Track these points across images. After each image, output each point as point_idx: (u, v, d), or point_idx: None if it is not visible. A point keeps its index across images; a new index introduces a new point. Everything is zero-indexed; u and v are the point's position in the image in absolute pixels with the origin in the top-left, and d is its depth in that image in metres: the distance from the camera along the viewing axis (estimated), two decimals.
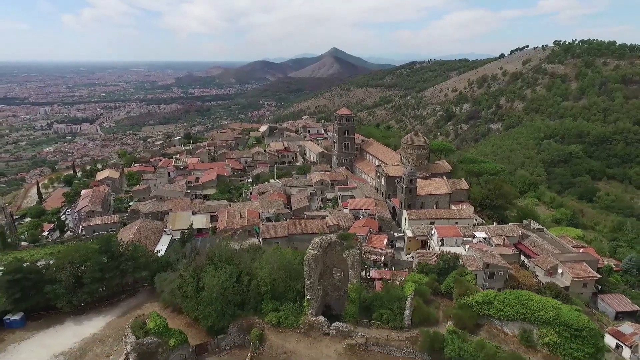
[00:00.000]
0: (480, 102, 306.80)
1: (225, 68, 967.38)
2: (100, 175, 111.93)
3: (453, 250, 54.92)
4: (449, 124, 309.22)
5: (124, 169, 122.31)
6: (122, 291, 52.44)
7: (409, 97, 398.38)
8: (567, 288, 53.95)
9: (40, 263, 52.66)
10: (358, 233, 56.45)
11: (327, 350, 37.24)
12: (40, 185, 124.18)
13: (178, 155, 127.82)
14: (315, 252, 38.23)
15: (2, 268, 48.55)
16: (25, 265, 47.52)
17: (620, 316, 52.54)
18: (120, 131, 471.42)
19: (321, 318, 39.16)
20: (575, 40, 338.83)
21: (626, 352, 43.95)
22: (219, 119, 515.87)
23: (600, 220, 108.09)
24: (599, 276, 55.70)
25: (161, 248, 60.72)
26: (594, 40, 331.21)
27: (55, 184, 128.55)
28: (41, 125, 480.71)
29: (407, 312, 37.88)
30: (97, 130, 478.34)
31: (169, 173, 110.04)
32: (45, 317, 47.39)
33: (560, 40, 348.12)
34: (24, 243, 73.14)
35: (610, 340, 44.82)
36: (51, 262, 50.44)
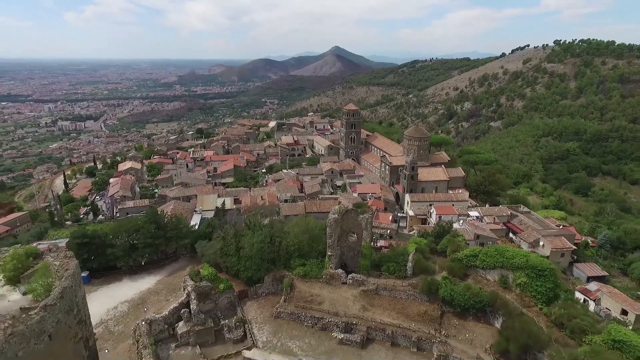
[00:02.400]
0: (481, 101, 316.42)
1: (227, 66, 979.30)
2: (123, 167, 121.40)
3: None
4: (450, 122, 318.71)
5: (143, 160, 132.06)
6: (166, 257, 62.45)
7: (410, 96, 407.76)
8: (547, 257, 63.52)
9: None
10: None
11: (345, 294, 47.03)
12: (56, 177, 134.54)
13: (193, 149, 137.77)
14: (336, 216, 47.97)
15: (68, 236, 58.65)
16: (89, 232, 57.43)
17: (590, 280, 62.07)
18: (124, 128, 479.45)
19: (340, 270, 48.93)
20: (575, 39, 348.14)
21: (591, 304, 53.77)
22: (222, 117, 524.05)
23: (588, 209, 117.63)
24: (574, 247, 65.14)
25: (195, 224, 70.46)
26: (593, 39, 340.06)
27: (78, 175, 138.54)
28: (46, 123, 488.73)
29: (409, 264, 47.64)
30: (101, 128, 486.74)
31: (187, 164, 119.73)
32: (105, 276, 57.35)
33: (561, 40, 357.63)
34: (68, 222, 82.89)
35: (579, 296, 54.59)
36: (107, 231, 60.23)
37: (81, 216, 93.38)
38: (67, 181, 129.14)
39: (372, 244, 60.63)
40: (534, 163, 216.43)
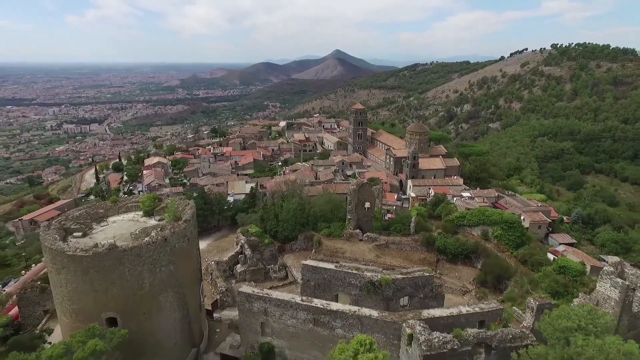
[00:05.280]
0: (480, 103, 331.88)
1: (229, 70, 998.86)
2: (150, 161, 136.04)
3: None
4: (450, 123, 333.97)
5: (166, 156, 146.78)
6: (210, 228, 76.87)
7: (411, 98, 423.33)
8: (526, 229, 77.85)
9: None
10: None
11: (362, 247, 61.38)
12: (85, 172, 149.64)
13: (210, 146, 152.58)
14: (354, 187, 62.53)
15: None
16: None
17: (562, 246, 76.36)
18: (128, 131, 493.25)
19: (357, 230, 63.33)
20: (572, 43, 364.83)
21: None
22: (224, 120, 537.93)
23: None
24: (550, 221, 79.55)
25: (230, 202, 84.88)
26: (589, 43, 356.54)
27: (105, 171, 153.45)
28: (51, 126, 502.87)
29: (412, 224, 62.11)
30: (106, 131, 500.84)
31: (209, 159, 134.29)
32: None
33: (558, 44, 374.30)
34: None
35: (550, 256, 68.93)
36: None
37: None
38: (98, 175, 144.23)
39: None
40: (530, 162, 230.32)
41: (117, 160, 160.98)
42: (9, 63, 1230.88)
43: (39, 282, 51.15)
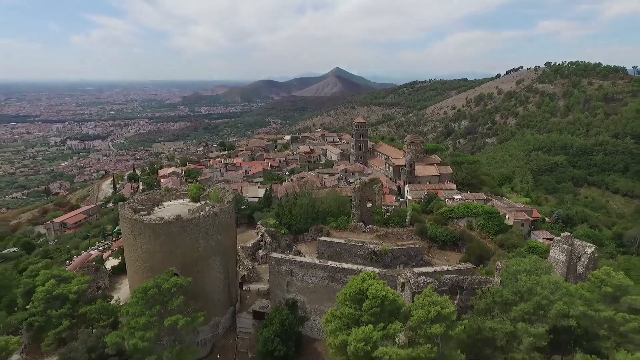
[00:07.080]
0: (477, 119, 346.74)
1: (230, 87, 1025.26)
2: (165, 171, 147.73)
3: None
4: (448, 139, 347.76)
5: (179, 167, 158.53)
6: None
7: (410, 115, 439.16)
8: (511, 226, 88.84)
9: None
10: None
11: (365, 237, 72.14)
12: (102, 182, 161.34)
13: (219, 158, 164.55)
14: (358, 185, 73.90)
15: None
16: None
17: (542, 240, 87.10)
18: (131, 147, 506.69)
19: (361, 223, 74.32)
20: (565, 61, 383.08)
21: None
22: (226, 136, 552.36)
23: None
24: (531, 219, 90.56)
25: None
26: (581, 62, 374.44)
27: (120, 181, 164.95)
28: (55, 142, 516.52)
29: (408, 217, 73.22)
30: (109, 147, 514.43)
31: (220, 169, 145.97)
32: None
33: (551, 62, 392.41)
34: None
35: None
36: None
37: None
38: (116, 185, 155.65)
39: None
40: (525, 175, 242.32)
41: (132, 171, 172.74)
42: (13, 80, 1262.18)
43: (93, 263, 62.08)
